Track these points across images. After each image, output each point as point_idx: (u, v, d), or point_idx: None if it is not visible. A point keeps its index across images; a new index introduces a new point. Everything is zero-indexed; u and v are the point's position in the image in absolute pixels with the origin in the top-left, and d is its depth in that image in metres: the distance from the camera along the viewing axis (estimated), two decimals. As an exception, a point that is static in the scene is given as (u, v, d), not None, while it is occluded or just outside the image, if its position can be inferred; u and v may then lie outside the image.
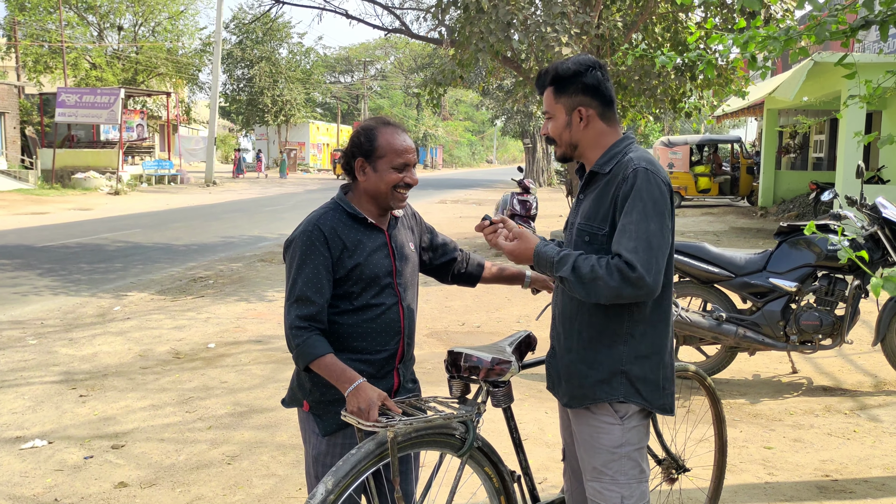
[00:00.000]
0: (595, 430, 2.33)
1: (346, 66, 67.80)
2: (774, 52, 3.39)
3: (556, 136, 2.36)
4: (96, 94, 29.67)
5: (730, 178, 23.09)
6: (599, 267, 2.13)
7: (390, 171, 2.40)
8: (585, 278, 2.14)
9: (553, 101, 2.34)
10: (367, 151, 2.41)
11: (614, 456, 2.30)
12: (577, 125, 2.32)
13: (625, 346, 2.27)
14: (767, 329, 5.37)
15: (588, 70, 2.29)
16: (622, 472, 2.30)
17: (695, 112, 13.52)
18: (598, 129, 2.33)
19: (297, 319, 2.31)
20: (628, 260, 2.11)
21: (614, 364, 2.28)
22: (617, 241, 2.17)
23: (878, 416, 4.90)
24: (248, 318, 7.85)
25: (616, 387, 2.28)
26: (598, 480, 2.33)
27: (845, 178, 12.81)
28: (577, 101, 2.30)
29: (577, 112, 2.31)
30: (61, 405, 5.14)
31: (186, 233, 15.56)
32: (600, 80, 2.30)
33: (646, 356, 2.29)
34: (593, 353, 2.30)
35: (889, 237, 5.26)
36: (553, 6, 11.02)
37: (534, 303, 8.18)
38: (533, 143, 39.48)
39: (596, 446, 2.33)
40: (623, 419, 2.30)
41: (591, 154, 2.35)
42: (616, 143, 2.32)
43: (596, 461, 2.33)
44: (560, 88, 2.32)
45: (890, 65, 7.69)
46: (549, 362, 2.50)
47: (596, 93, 2.30)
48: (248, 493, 3.79)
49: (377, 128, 2.44)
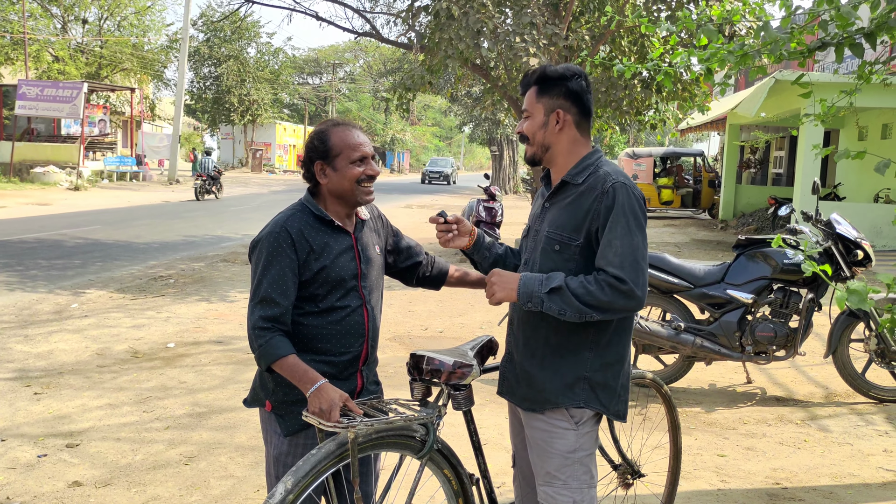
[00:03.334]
0: (549, 434, 2.36)
1: (315, 67, 67.45)
2: (732, 69, 3.49)
3: (531, 134, 2.39)
4: (58, 87, 29.08)
5: (692, 191, 23.50)
6: (590, 284, 2.18)
7: (349, 167, 2.42)
8: (579, 295, 2.17)
9: (534, 100, 2.38)
10: (324, 153, 2.43)
11: (567, 461, 2.34)
12: (553, 127, 2.35)
13: (590, 353, 2.32)
14: (724, 339, 5.49)
15: (574, 77, 2.35)
16: (574, 476, 2.34)
17: (659, 124, 13.74)
18: (572, 137, 2.37)
19: (261, 320, 2.32)
20: (616, 274, 2.16)
21: (579, 370, 2.32)
22: (602, 257, 2.20)
23: (828, 427, 5.04)
24: (209, 318, 7.77)
25: (578, 392, 2.32)
26: (550, 485, 2.36)
27: (803, 193, 13.13)
28: (557, 103, 2.34)
29: (555, 114, 2.34)
30: (15, 402, 5.04)
31: (148, 231, 15.34)
32: (583, 89, 2.36)
33: (610, 364, 2.34)
34: (559, 359, 2.33)
35: (842, 252, 5.41)
36: (523, 16, 11.13)
37: (496, 308, 8.23)
38: (500, 150, 39.67)
39: (549, 451, 2.36)
40: (578, 424, 2.34)
41: (561, 160, 2.38)
42: (588, 155, 2.37)
43: (549, 465, 2.36)
44: (544, 89, 2.36)
45: (844, 85, 7.87)
46: (504, 367, 2.52)
47: (577, 100, 2.35)
48: (205, 494, 3.77)
49: (328, 129, 2.47)
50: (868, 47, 3.18)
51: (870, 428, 5.03)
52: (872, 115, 16.01)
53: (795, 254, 5.37)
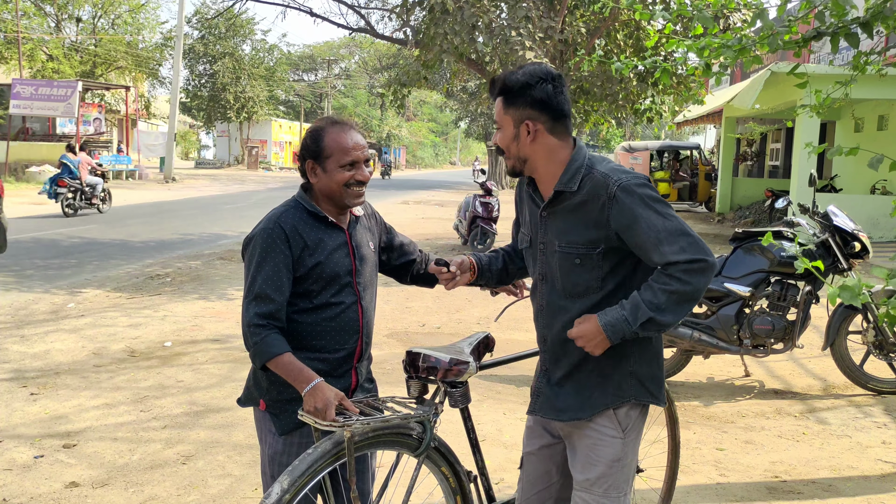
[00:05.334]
0: (596, 442, 2.28)
1: (310, 64, 67.36)
2: (729, 60, 3.47)
3: (505, 147, 2.29)
4: (53, 86, 29.01)
5: (688, 184, 23.50)
6: (667, 285, 2.10)
7: (339, 170, 2.39)
8: (663, 305, 2.10)
9: (502, 112, 2.25)
10: (315, 153, 2.41)
11: (612, 469, 2.26)
12: (525, 139, 2.22)
13: (634, 347, 2.25)
14: (722, 333, 5.48)
15: (538, 83, 2.19)
16: (615, 486, 2.27)
17: (655, 117, 13.74)
18: (548, 145, 2.23)
19: (256, 317, 2.30)
20: (684, 259, 2.08)
21: (625, 367, 2.26)
22: (657, 252, 2.11)
23: (826, 419, 5.03)
24: (206, 316, 7.75)
25: (626, 389, 2.26)
26: (589, 492, 2.27)
27: (799, 186, 13.13)
28: (525, 114, 2.21)
29: (524, 125, 2.21)
30: (11, 403, 5.02)
31: (144, 229, 15.31)
32: (550, 93, 2.19)
33: (656, 354, 2.31)
34: (606, 360, 2.25)
35: (839, 244, 5.40)
36: (518, 10, 11.11)
37: (493, 304, 8.22)
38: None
39: (595, 459, 2.27)
40: (625, 432, 2.27)
41: (543, 170, 2.27)
42: (574, 157, 2.24)
43: (591, 473, 2.27)
44: (509, 100, 2.23)
45: (840, 76, 7.84)
46: (539, 385, 2.39)
47: (545, 107, 2.20)
48: (202, 494, 3.75)
49: (324, 128, 2.43)
50: (864, 37, 3.16)
51: (868, 420, 5.02)
52: (868, 107, 16.01)
53: (796, 249, 5.37)
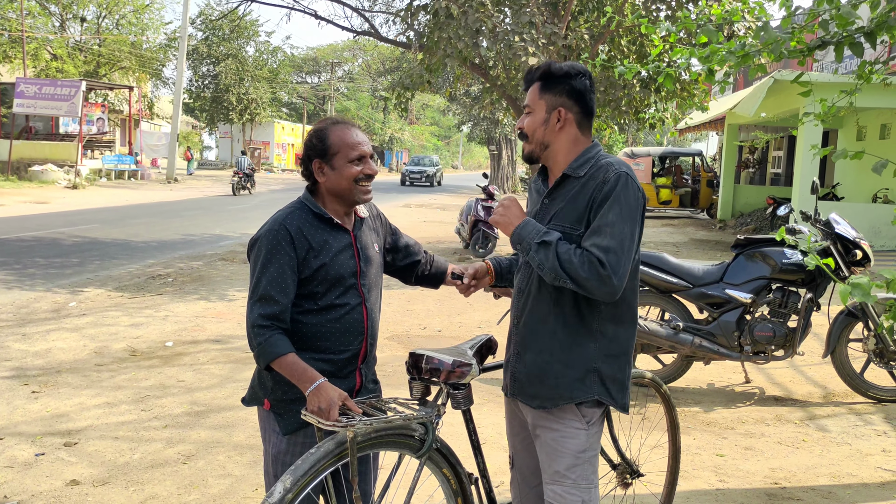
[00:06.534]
0: (561, 434, 2.35)
1: (314, 66, 67.40)
2: (733, 68, 3.48)
3: (531, 131, 2.37)
4: (56, 85, 29.03)
5: (690, 191, 23.52)
6: (574, 255, 2.18)
7: (347, 166, 2.42)
8: (562, 258, 2.17)
9: (537, 97, 2.36)
10: (322, 151, 2.43)
11: (578, 460, 2.33)
12: (554, 125, 2.34)
13: (595, 344, 2.31)
14: (722, 339, 5.48)
15: (578, 76, 2.33)
16: (584, 476, 2.34)
17: (658, 124, 13.75)
18: (572, 136, 2.35)
19: (260, 318, 2.31)
20: (599, 258, 2.15)
21: (587, 362, 2.31)
22: (590, 238, 2.20)
23: (826, 426, 5.04)
24: (207, 317, 7.76)
25: (589, 385, 2.31)
26: (560, 483, 2.35)
27: (801, 193, 13.14)
28: (560, 101, 2.32)
29: (556, 112, 2.32)
30: (12, 401, 5.03)
31: (146, 229, 15.32)
32: (587, 88, 2.34)
33: (616, 356, 2.34)
34: (567, 351, 2.32)
35: (841, 252, 5.41)
36: (522, 15, 11.13)
37: (495, 307, 8.22)
38: (499, 149, 39.68)
39: (560, 450, 2.35)
40: (589, 424, 2.35)
41: (560, 158, 2.37)
42: (588, 149, 2.36)
43: (559, 465, 2.35)
44: (547, 85, 2.34)
45: (844, 84, 7.87)
46: (513, 366, 2.47)
47: (580, 99, 2.33)
48: (203, 493, 3.76)
49: (327, 127, 2.47)
50: (868, 47, 3.18)
51: (868, 428, 5.03)
52: (871, 116, 16.02)
53: (794, 253, 5.38)
